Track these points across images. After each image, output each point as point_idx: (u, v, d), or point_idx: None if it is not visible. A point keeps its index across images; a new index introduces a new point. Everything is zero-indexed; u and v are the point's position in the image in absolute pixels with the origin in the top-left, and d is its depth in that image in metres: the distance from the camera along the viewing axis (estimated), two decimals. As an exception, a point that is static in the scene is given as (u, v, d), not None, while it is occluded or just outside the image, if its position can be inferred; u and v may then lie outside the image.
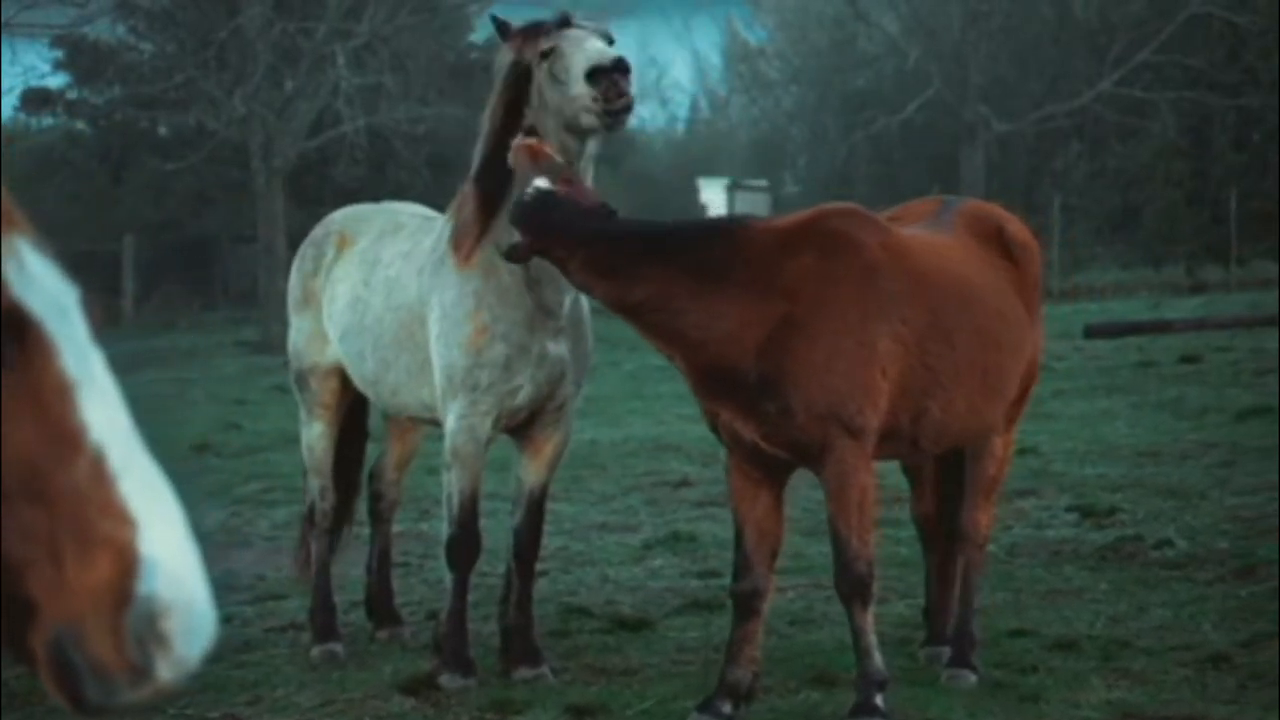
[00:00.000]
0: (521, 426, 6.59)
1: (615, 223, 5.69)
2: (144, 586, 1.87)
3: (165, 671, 1.90)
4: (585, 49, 6.08)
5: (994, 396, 6.15)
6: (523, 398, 6.43)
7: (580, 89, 6.02)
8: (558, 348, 6.37)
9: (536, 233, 5.69)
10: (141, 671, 1.89)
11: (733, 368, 5.65)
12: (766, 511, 5.89)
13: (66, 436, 1.91)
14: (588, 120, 6.07)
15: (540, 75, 6.21)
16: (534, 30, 6.27)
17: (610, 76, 5.98)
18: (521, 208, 5.72)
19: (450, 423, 6.44)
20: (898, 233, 6.18)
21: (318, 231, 7.46)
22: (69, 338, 1.95)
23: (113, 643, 1.87)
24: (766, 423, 5.67)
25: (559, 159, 5.92)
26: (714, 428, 5.92)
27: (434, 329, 6.51)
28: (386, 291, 6.82)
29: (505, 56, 6.38)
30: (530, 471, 6.64)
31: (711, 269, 5.67)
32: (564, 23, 6.22)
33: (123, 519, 1.89)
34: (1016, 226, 6.60)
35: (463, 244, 6.41)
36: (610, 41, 6.23)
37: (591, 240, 5.62)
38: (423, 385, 6.61)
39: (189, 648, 1.90)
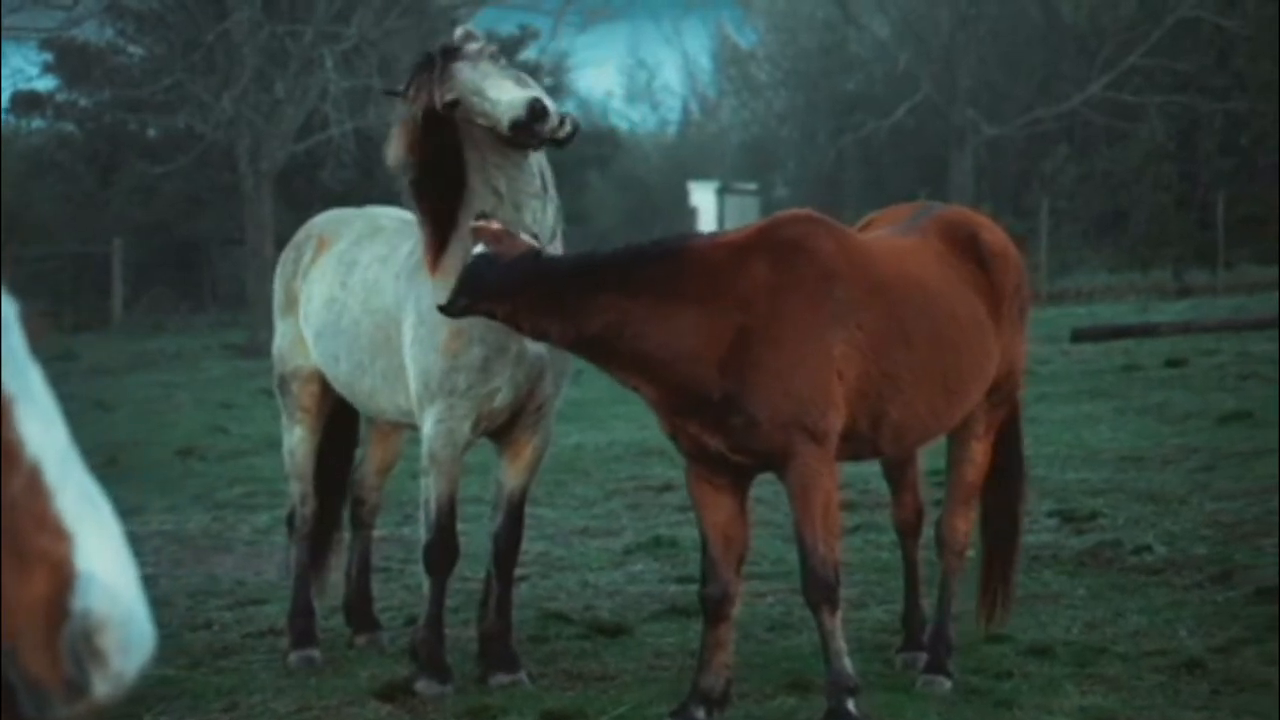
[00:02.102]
0: (501, 430, 6.59)
1: (547, 263, 5.68)
2: (79, 602, 1.87)
3: (101, 686, 1.90)
4: (498, 103, 6.02)
5: (953, 400, 6.17)
6: (501, 400, 6.42)
7: (511, 135, 6.05)
8: (536, 345, 6.36)
9: (475, 297, 5.69)
10: (77, 687, 1.89)
11: (698, 384, 5.66)
12: (730, 518, 5.91)
13: (3, 451, 1.91)
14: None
15: (461, 123, 6.19)
16: (424, 82, 6.22)
17: (530, 129, 5.97)
18: (461, 277, 5.73)
19: (427, 427, 6.44)
20: (855, 237, 6.19)
21: (299, 235, 7.48)
22: (6, 351, 1.95)
23: (48, 658, 1.87)
24: (733, 434, 5.70)
25: (514, 233, 5.90)
26: (673, 438, 5.93)
27: (409, 334, 6.51)
28: (364, 294, 6.82)
29: (406, 109, 6.32)
30: (510, 475, 6.64)
31: (665, 288, 5.67)
32: (444, 56, 6.17)
33: (59, 534, 1.89)
34: (993, 235, 6.58)
35: (428, 254, 6.42)
36: (496, 55, 6.20)
37: (526, 287, 5.62)
38: (398, 390, 6.62)
39: (125, 663, 1.90)
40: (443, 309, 5.86)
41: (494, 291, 5.66)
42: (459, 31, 6.37)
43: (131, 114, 30.35)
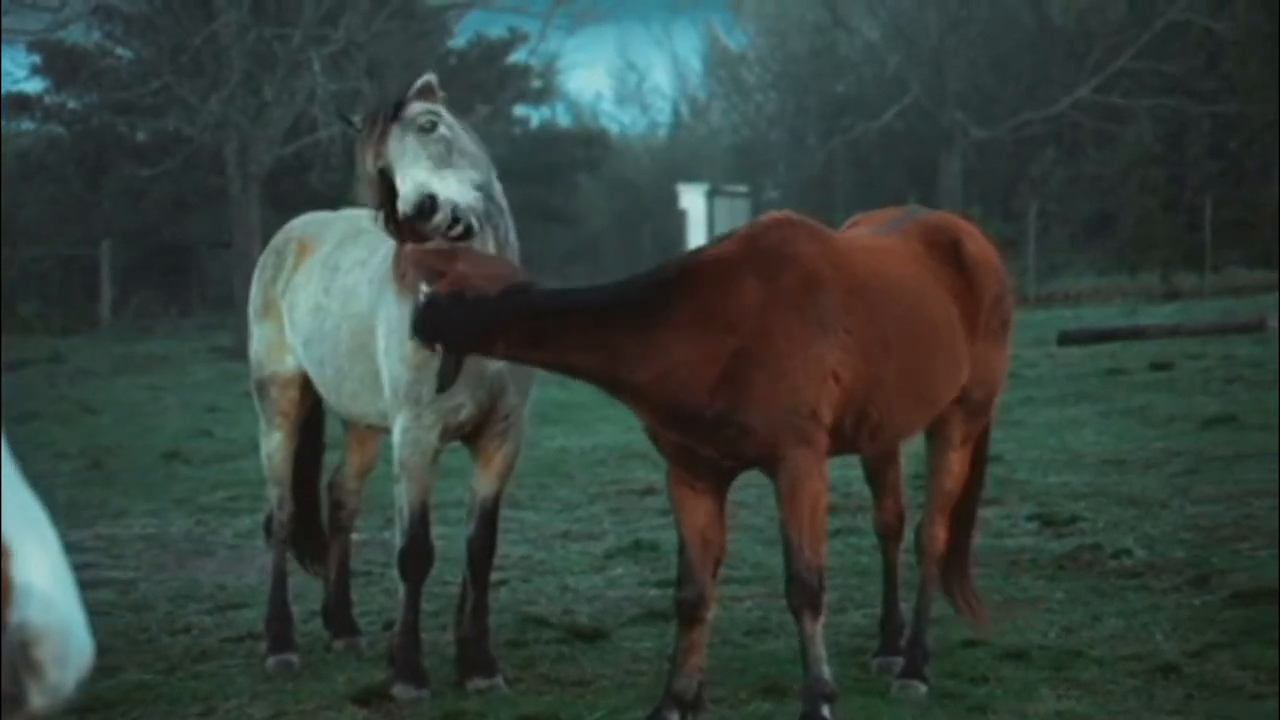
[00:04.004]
0: (471, 438, 6.61)
1: (524, 302, 5.62)
2: (16, 614, 1.87)
3: (38, 699, 1.90)
4: (400, 192, 6.01)
5: (923, 402, 6.17)
6: (465, 414, 6.46)
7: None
8: (495, 364, 6.38)
9: (445, 342, 5.64)
10: (14, 699, 1.89)
11: (692, 406, 5.64)
12: (709, 520, 5.91)
13: (-61, 466, 1.91)
14: None
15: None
16: (369, 136, 6.23)
17: (413, 226, 5.95)
18: (416, 323, 5.65)
19: (396, 435, 6.48)
20: (834, 238, 6.18)
21: (278, 239, 7.49)
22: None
23: (-16, 670, 1.87)
24: (726, 443, 5.70)
25: (441, 247, 5.87)
26: (656, 442, 5.94)
27: (381, 341, 6.54)
28: (344, 299, 6.84)
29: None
30: (482, 482, 6.66)
31: (654, 320, 5.62)
32: (388, 117, 6.16)
33: (-5, 547, 1.89)
34: (976, 244, 6.53)
35: (396, 269, 6.41)
36: (430, 125, 6.14)
37: (501, 327, 5.58)
38: (378, 394, 6.63)
39: (62, 675, 1.90)
40: (439, 389, 5.86)
41: (464, 336, 5.62)
42: (419, 82, 6.31)
43: (120, 116, 30.34)
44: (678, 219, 39.15)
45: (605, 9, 31.71)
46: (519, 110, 39.45)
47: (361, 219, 7.31)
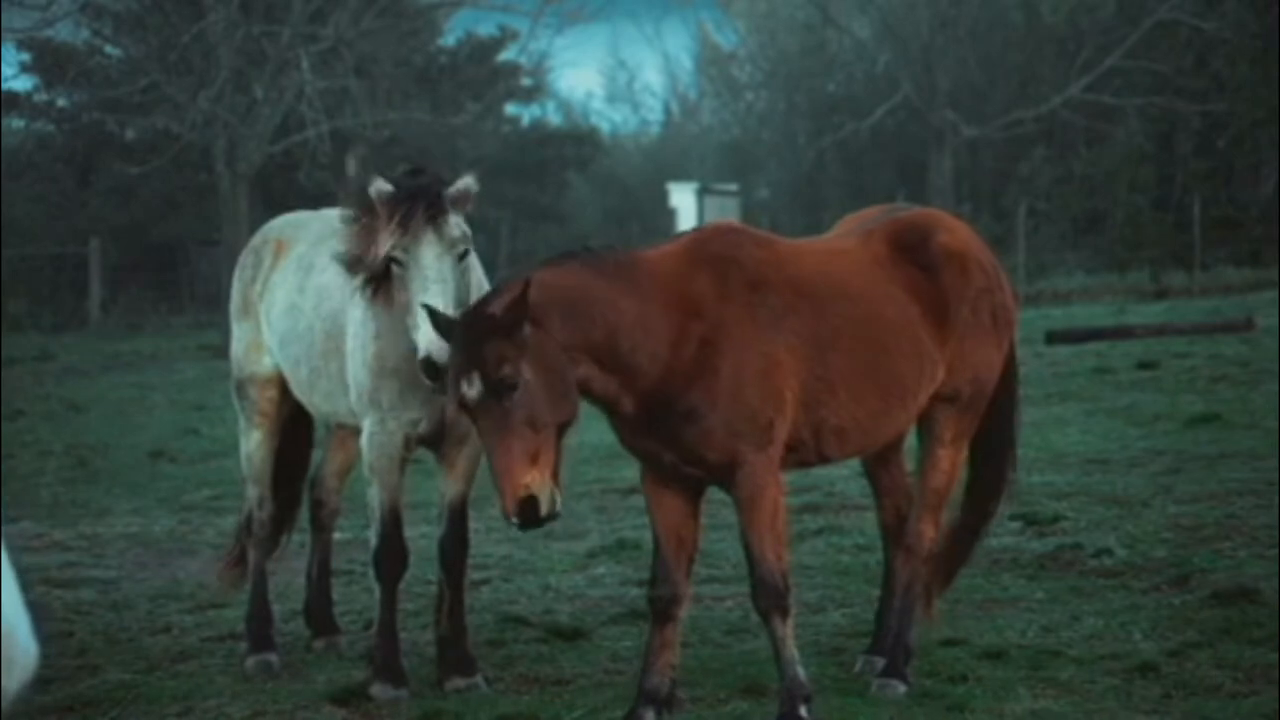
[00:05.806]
0: (433, 443, 6.58)
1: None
2: (-40, 619, 1.87)
3: (-19, 702, 1.90)
4: (428, 331, 5.79)
5: (892, 403, 6.16)
6: (424, 428, 6.45)
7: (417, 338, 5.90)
8: None
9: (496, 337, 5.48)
10: (-44, 703, 1.89)
11: (672, 390, 5.65)
12: (684, 519, 5.94)
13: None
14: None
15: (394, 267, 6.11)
16: (391, 208, 6.06)
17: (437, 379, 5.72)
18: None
19: (363, 438, 6.50)
20: (780, 244, 6.20)
21: (256, 239, 7.50)
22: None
23: (-73, 675, 1.87)
24: (687, 445, 5.71)
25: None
26: (634, 450, 5.93)
27: (349, 343, 6.54)
28: (317, 298, 6.83)
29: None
30: (449, 484, 6.66)
31: (640, 291, 5.65)
32: (412, 208, 6.00)
33: (-59, 554, 1.89)
34: (952, 238, 6.46)
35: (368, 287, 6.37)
36: (465, 254, 6.01)
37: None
38: (348, 393, 6.63)
39: (7, 680, 1.90)
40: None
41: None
42: (460, 184, 6.11)
43: (109, 114, 30.29)
44: (668, 217, 39.14)
45: (595, 7, 31.63)
46: (509, 109, 39.43)
47: (339, 219, 7.30)
